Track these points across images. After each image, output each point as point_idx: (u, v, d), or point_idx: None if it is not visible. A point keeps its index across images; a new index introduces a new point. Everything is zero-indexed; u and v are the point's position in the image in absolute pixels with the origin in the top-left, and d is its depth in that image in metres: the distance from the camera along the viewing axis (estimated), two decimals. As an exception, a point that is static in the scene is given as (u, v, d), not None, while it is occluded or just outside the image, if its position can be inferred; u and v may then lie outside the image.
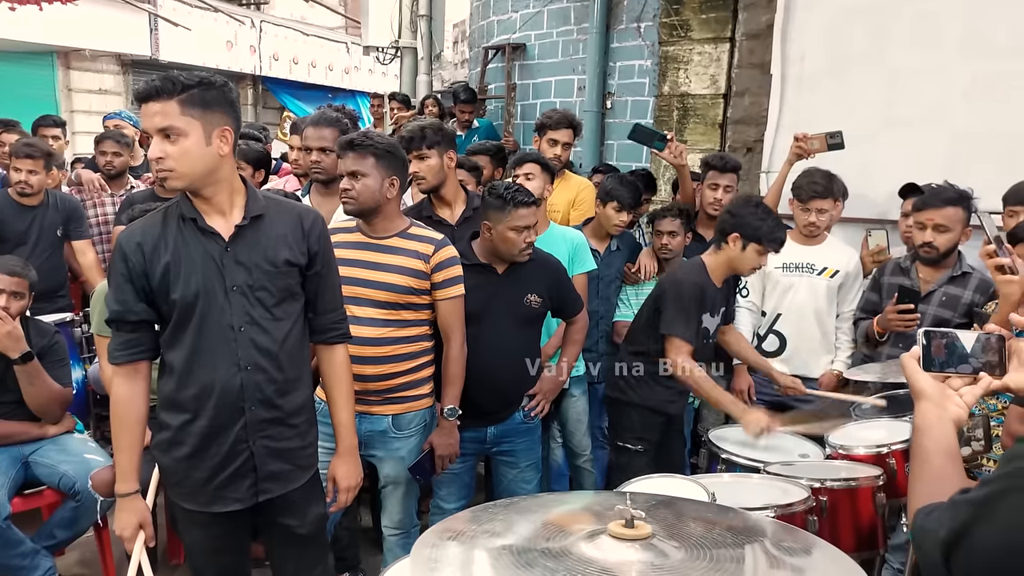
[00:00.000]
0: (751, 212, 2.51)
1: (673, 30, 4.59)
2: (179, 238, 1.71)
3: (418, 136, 2.60)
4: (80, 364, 3.37)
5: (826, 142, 3.06)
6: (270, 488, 1.83)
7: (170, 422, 1.78)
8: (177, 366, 1.74)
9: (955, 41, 3.19)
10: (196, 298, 1.70)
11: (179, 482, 1.82)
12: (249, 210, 1.75)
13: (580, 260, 2.89)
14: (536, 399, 2.59)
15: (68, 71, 10.07)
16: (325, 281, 1.88)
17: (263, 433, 1.79)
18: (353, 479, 1.99)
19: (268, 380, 1.77)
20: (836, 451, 2.35)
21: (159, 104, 1.61)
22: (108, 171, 4.17)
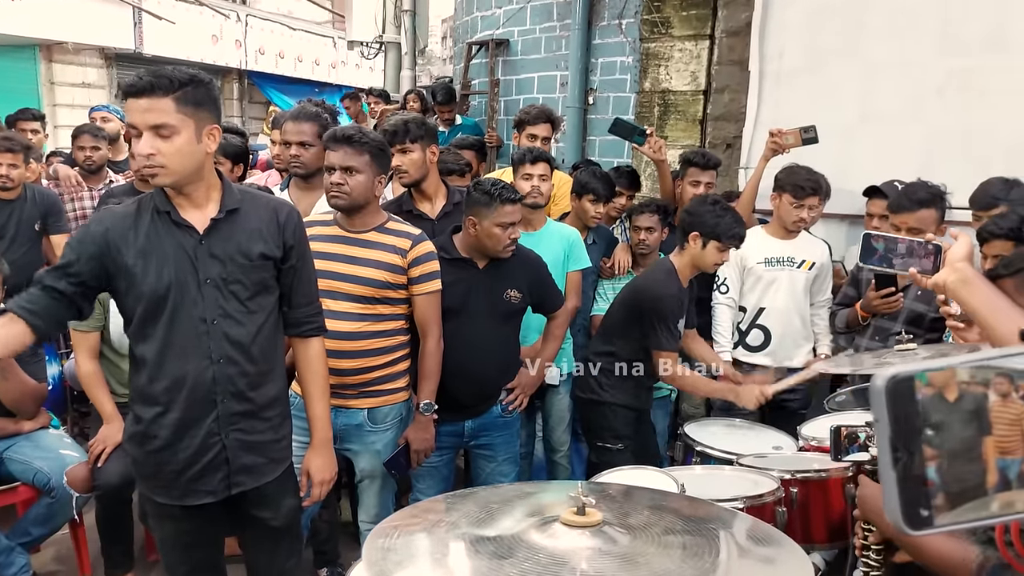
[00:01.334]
0: (708, 210, 2.55)
1: (654, 27, 4.61)
2: (151, 230, 1.70)
3: (401, 130, 2.61)
4: (57, 360, 3.35)
5: (800, 137, 3.09)
6: (243, 481, 1.83)
7: (142, 415, 1.78)
8: (149, 359, 1.73)
9: (931, 37, 3.23)
10: (168, 290, 1.69)
11: (151, 475, 1.81)
12: (224, 204, 1.75)
13: (575, 257, 2.90)
14: (514, 393, 2.60)
15: (51, 64, 9.98)
16: (300, 275, 1.88)
17: (235, 426, 1.79)
18: (327, 472, 1.99)
19: (240, 373, 1.77)
20: (808, 443, 2.38)
21: (152, 100, 1.60)
22: (87, 166, 4.13)
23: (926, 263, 1.36)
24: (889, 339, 2.78)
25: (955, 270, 1.28)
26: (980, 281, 1.26)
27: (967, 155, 3.11)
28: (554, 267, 2.67)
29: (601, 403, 2.72)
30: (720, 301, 3.10)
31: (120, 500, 2.64)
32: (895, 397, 0.63)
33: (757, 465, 2.15)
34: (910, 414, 0.63)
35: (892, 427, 0.63)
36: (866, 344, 2.85)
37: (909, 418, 0.63)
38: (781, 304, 3.07)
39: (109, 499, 2.61)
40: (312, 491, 1.99)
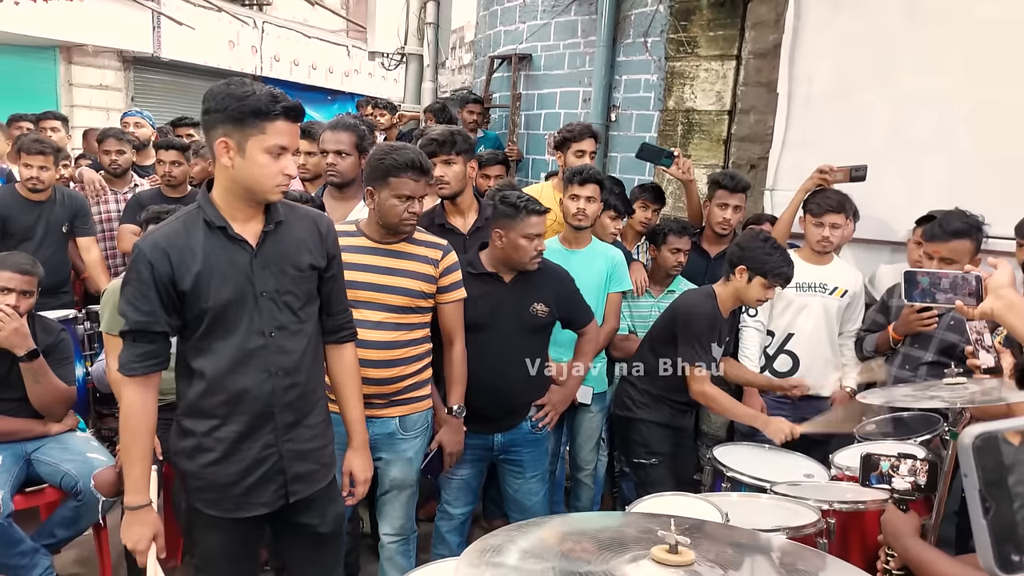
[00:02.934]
0: (759, 246, 2.56)
1: (680, 46, 4.63)
2: (208, 246, 1.70)
3: (449, 141, 2.62)
4: (82, 361, 3.35)
5: (849, 174, 3.10)
6: (298, 490, 1.85)
7: (194, 428, 1.77)
8: (207, 373, 1.73)
9: (961, 67, 3.24)
10: (227, 306, 1.70)
11: (203, 488, 1.81)
12: (272, 217, 1.77)
13: (618, 279, 2.91)
14: (545, 410, 2.60)
15: (70, 66, 10.03)
16: (337, 283, 1.93)
17: (288, 436, 1.81)
18: (368, 471, 2.04)
19: (293, 384, 1.79)
20: (842, 472, 2.37)
21: (297, 127, 1.70)
22: (112, 170, 4.16)
23: (969, 294, 1.40)
24: (919, 368, 2.79)
25: (999, 296, 1.31)
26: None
27: (998, 186, 3.11)
28: (596, 287, 2.68)
29: (637, 420, 2.73)
30: (748, 324, 3.09)
31: (146, 506, 2.63)
32: (981, 452, 0.68)
33: (792, 494, 2.14)
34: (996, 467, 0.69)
35: (981, 479, 0.68)
36: (895, 372, 2.84)
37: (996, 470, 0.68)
38: (811, 330, 3.06)
39: (136, 505, 2.59)
40: (355, 491, 2.02)
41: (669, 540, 0.85)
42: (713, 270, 3.24)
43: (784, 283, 2.61)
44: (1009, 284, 1.33)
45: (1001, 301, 1.31)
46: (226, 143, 1.65)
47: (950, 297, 1.43)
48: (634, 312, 3.22)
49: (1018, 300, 1.29)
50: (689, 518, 1.01)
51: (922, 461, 1.69)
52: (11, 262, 2.55)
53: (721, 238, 3.36)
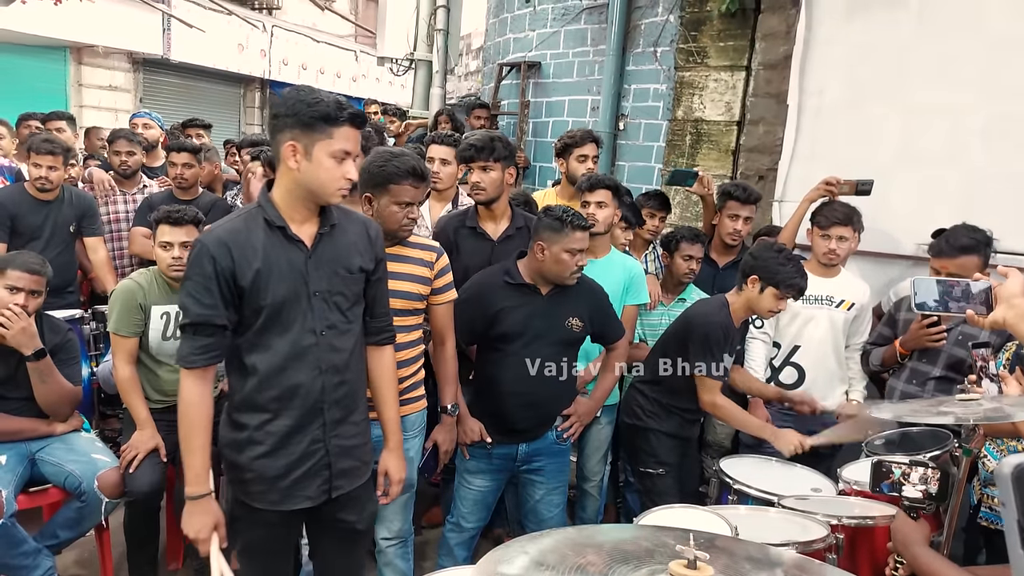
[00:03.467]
0: (772, 257, 2.55)
1: (690, 56, 4.64)
2: (267, 245, 1.76)
3: (488, 147, 2.62)
4: (88, 362, 3.34)
5: (855, 188, 3.11)
6: (341, 485, 1.90)
7: (246, 422, 1.83)
8: (261, 369, 1.79)
9: (973, 81, 3.23)
10: (283, 304, 1.76)
11: (251, 480, 1.84)
12: (326, 219, 1.83)
13: (635, 291, 2.89)
14: (571, 420, 2.60)
15: (80, 66, 10.08)
16: (382, 286, 2.00)
17: (335, 432, 1.87)
18: (403, 471, 2.08)
19: (341, 382, 1.86)
20: (850, 487, 2.35)
21: (357, 132, 1.75)
22: (122, 170, 4.16)
23: (980, 304, 1.39)
24: (927, 383, 2.77)
25: (1012, 306, 1.31)
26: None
27: (1010, 200, 3.09)
28: (612, 298, 2.66)
29: (645, 429, 2.72)
30: (754, 335, 3.08)
31: (149, 508, 2.63)
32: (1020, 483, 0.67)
33: (801, 508, 2.12)
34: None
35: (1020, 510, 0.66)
36: (902, 387, 2.82)
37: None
38: (817, 343, 3.04)
39: (138, 506, 2.60)
40: (391, 490, 2.06)
41: (687, 555, 0.84)
42: (721, 280, 3.23)
43: (797, 295, 2.59)
44: (1021, 293, 1.31)
45: (1014, 310, 1.30)
46: (294, 146, 1.71)
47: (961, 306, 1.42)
48: (644, 320, 3.21)
49: None
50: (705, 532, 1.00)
51: (933, 470, 1.67)
52: (20, 261, 2.55)
53: (730, 249, 3.36)
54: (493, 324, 2.40)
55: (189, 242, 2.70)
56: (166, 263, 2.69)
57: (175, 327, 2.74)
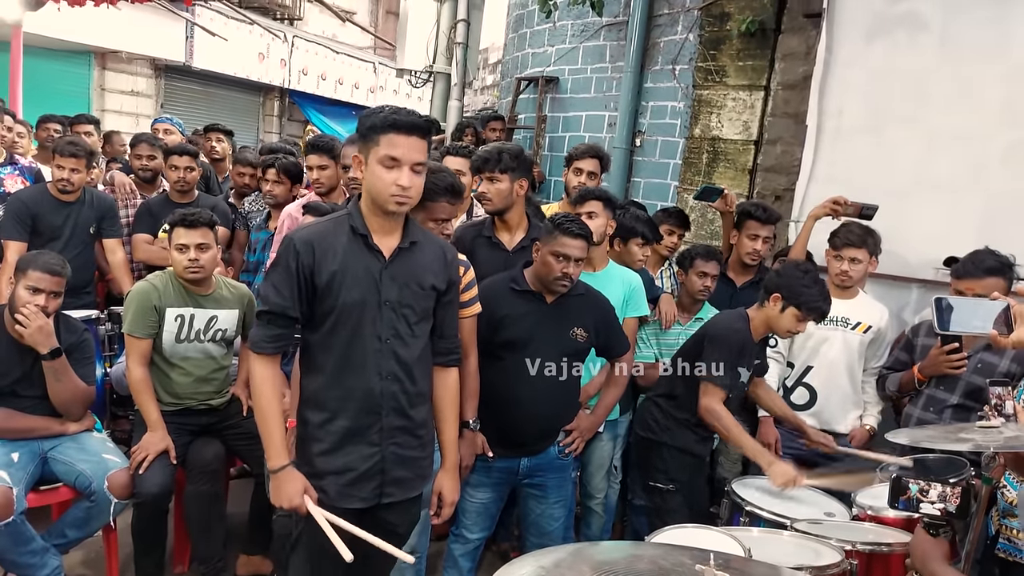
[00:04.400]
0: (797, 278, 2.52)
1: (708, 75, 4.65)
2: (348, 250, 1.86)
3: (494, 159, 2.64)
4: (101, 362, 3.36)
5: (860, 211, 3.12)
6: (392, 492, 1.96)
7: (310, 419, 1.91)
8: (327, 367, 1.88)
9: (993, 108, 3.22)
10: (354, 307, 1.85)
11: (310, 475, 1.90)
12: (408, 236, 1.92)
13: (635, 304, 2.87)
14: (572, 435, 2.57)
15: (103, 71, 10.24)
16: (452, 308, 2.07)
17: (394, 440, 1.93)
18: (456, 493, 2.13)
19: (402, 390, 1.91)
20: (864, 512, 2.32)
21: (418, 141, 1.81)
22: (143, 174, 4.20)
23: (1001, 324, 1.37)
24: (944, 411, 2.73)
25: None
26: None
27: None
28: (612, 311, 2.65)
29: (659, 443, 2.69)
30: (768, 354, 3.04)
31: (158, 509, 2.63)
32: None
33: (814, 532, 2.09)
34: None
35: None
36: (918, 415, 2.77)
37: None
38: (830, 364, 3.00)
39: (147, 507, 2.60)
40: (443, 511, 2.10)
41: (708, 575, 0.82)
42: (739, 300, 3.20)
43: (819, 318, 2.55)
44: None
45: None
46: (358, 158, 1.87)
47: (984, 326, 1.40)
48: (661, 340, 3.18)
49: None
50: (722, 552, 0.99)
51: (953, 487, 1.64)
52: (42, 262, 2.57)
53: (748, 268, 3.34)
54: (498, 330, 2.39)
55: (205, 244, 2.71)
56: (182, 265, 2.70)
57: (189, 330, 2.75)
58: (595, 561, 0.94)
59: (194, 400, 2.80)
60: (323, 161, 3.35)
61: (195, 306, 2.77)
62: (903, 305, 3.43)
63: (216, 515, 2.77)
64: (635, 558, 0.96)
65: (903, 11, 3.44)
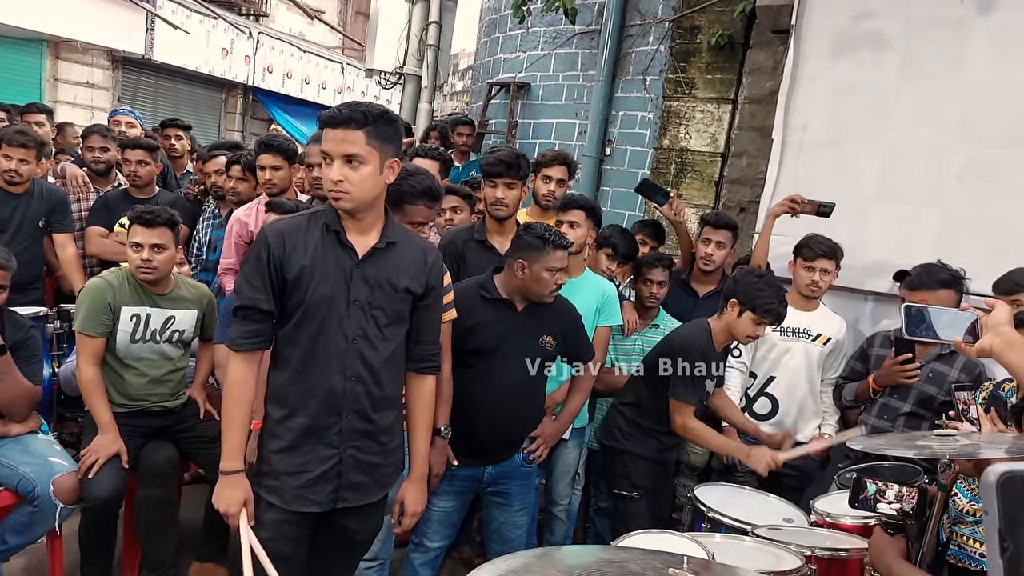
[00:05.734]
0: (752, 283, 2.57)
1: (678, 86, 4.71)
2: (319, 245, 1.82)
3: (515, 165, 2.65)
4: (49, 361, 3.22)
5: (817, 209, 3.19)
6: (348, 497, 1.91)
7: (272, 414, 1.89)
8: (291, 363, 1.85)
9: (953, 125, 3.30)
10: (322, 303, 1.81)
11: (267, 473, 1.88)
12: (386, 236, 1.88)
13: (608, 312, 2.87)
14: (536, 443, 2.56)
15: (57, 61, 9.90)
16: (431, 314, 2.01)
17: (354, 443, 1.89)
18: (420, 505, 2.08)
19: (366, 393, 1.87)
20: (823, 518, 2.35)
21: (348, 132, 1.74)
22: (96, 168, 4.06)
23: (966, 333, 1.41)
24: (897, 419, 2.80)
25: (999, 334, 1.32)
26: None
27: (982, 243, 3.15)
28: (585, 318, 2.65)
29: (622, 451, 2.71)
30: (731, 364, 3.08)
31: (106, 515, 2.53)
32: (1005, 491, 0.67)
33: (775, 538, 2.12)
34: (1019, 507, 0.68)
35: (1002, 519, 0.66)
36: (873, 422, 2.84)
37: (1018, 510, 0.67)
38: (791, 374, 3.07)
39: (95, 513, 2.50)
40: (403, 521, 2.06)
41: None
42: (701, 309, 3.24)
43: (775, 320, 2.61)
44: (1007, 322, 1.33)
45: (1000, 338, 1.31)
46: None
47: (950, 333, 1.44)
48: (618, 346, 3.21)
49: (1017, 337, 1.29)
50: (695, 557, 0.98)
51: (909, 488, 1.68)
52: (-15, 254, 2.45)
53: (708, 276, 3.38)
54: (467, 338, 2.37)
55: (161, 244, 2.62)
56: (135, 264, 2.61)
57: (144, 330, 2.66)
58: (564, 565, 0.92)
59: (148, 402, 2.71)
60: (276, 161, 3.30)
61: (152, 305, 2.68)
62: (858, 317, 3.50)
63: (168, 521, 2.68)
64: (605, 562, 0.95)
65: (868, 29, 3.52)
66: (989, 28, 3.21)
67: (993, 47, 3.20)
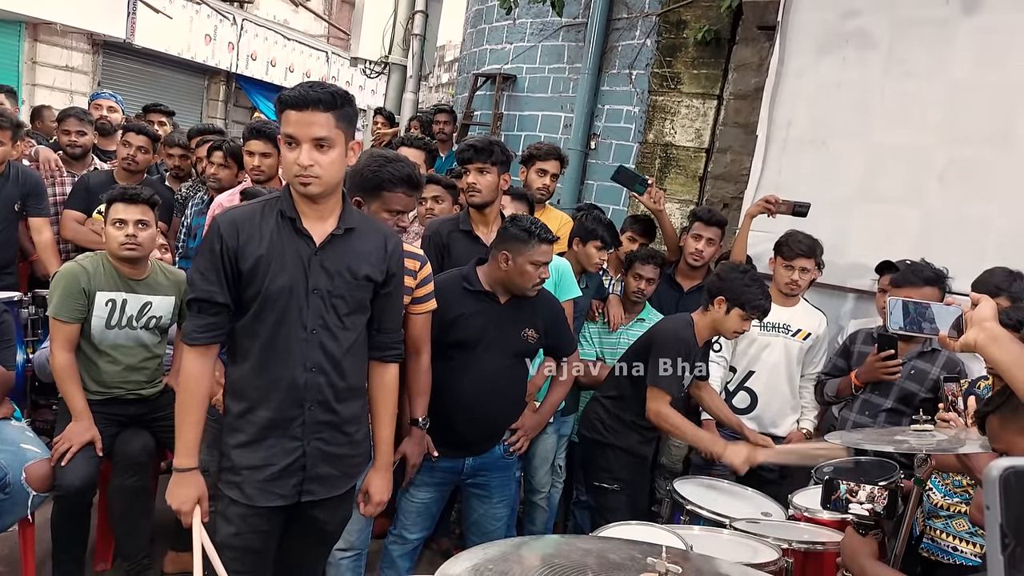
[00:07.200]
0: (738, 278, 2.59)
1: (664, 81, 4.71)
2: (275, 233, 1.77)
3: (486, 149, 2.61)
4: (23, 347, 3.16)
5: (792, 209, 3.21)
6: (314, 490, 1.87)
7: (232, 408, 1.84)
8: (251, 355, 1.79)
9: (936, 125, 3.33)
10: (280, 294, 1.76)
11: (229, 468, 1.83)
12: (344, 221, 1.82)
13: (565, 287, 2.86)
14: (517, 435, 2.56)
15: (35, 43, 9.70)
16: (393, 301, 1.96)
17: (318, 435, 1.84)
18: (386, 494, 2.03)
19: (328, 384, 1.82)
20: (800, 512, 2.37)
21: (315, 114, 1.68)
22: (72, 151, 3.98)
23: (951, 327, 1.41)
24: (879, 415, 2.83)
25: (983, 329, 1.32)
26: (1008, 339, 1.30)
27: (961, 242, 3.19)
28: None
29: (603, 444, 2.71)
30: (712, 359, 3.09)
31: (80, 503, 2.49)
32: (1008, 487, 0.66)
33: (752, 531, 2.13)
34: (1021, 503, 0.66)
35: (1004, 515, 0.66)
36: (854, 418, 2.86)
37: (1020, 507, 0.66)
38: (771, 369, 3.09)
39: (69, 501, 2.45)
40: (367, 508, 2.02)
41: (659, 568, 0.81)
42: (686, 304, 3.25)
43: (761, 316, 2.64)
44: (992, 318, 1.33)
45: (985, 333, 1.31)
46: (279, 139, 1.76)
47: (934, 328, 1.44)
48: (604, 340, 3.21)
49: (1002, 333, 1.30)
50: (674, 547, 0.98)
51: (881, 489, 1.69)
52: (-43, 236, 2.40)
53: (694, 271, 3.39)
54: (449, 330, 2.36)
55: (145, 221, 2.58)
56: (118, 242, 2.56)
57: (120, 315, 2.62)
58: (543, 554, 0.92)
59: (123, 389, 2.66)
60: (266, 148, 3.26)
61: (128, 291, 2.63)
62: (840, 313, 3.53)
63: (142, 510, 2.64)
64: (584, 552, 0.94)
65: (853, 27, 3.54)
66: (974, 29, 3.24)
67: (977, 48, 3.23)
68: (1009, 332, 1.32)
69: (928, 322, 1.43)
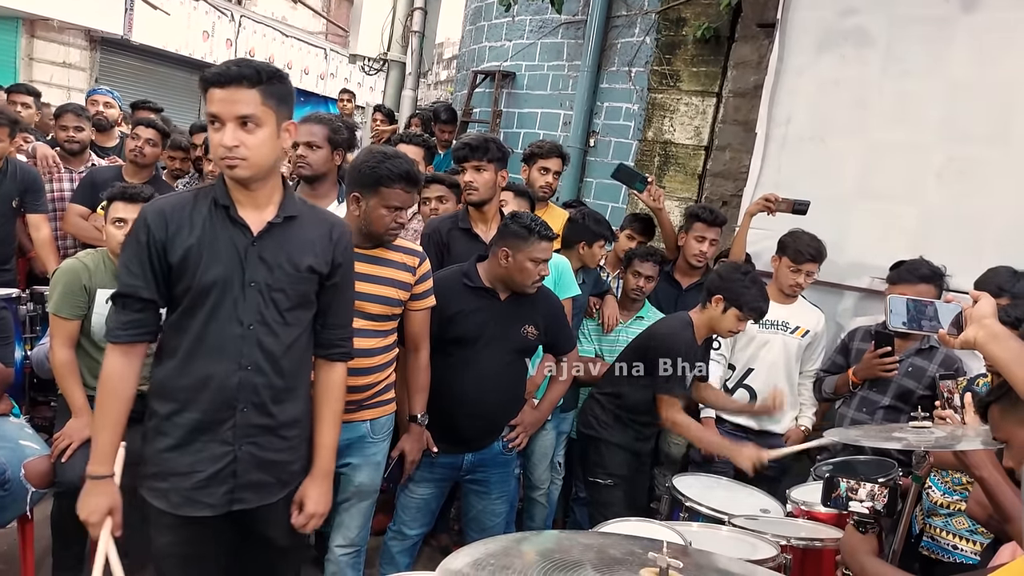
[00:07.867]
0: (738, 279, 2.59)
1: (663, 79, 4.70)
2: (207, 223, 1.65)
3: (482, 147, 2.61)
4: (22, 344, 3.16)
5: (792, 207, 3.21)
6: (246, 498, 1.74)
7: (158, 410, 1.71)
8: (178, 353, 1.67)
9: (934, 123, 3.34)
10: (212, 287, 1.64)
11: (154, 475, 1.72)
12: (284, 209, 1.71)
13: (564, 285, 2.87)
14: (516, 431, 2.56)
15: (33, 39, 9.68)
16: (341, 295, 1.84)
17: (251, 439, 1.72)
18: (323, 506, 1.86)
19: (266, 384, 1.70)
20: (798, 508, 2.38)
21: (240, 91, 1.57)
22: (69, 147, 3.98)
23: (951, 325, 1.42)
24: (876, 412, 2.83)
25: (983, 326, 1.33)
26: (1008, 336, 1.31)
27: (959, 240, 3.20)
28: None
29: (599, 440, 2.72)
30: (711, 356, 3.10)
31: (79, 501, 2.47)
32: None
33: (751, 527, 2.13)
34: None
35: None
36: (852, 415, 2.87)
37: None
38: (769, 366, 3.10)
39: (69, 498, 2.43)
40: (298, 520, 1.84)
41: (660, 563, 0.81)
42: (684, 301, 3.25)
43: (758, 318, 2.65)
44: (991, 315, 1.34)
45: (984, 330, 1.32)
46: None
47: (933, 325, 1.44)
48: (603, 338, 3.22)
49: (1001, 330, 1.30)
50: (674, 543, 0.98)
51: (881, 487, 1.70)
52: (-44, 232, 2.39)
53: (694, 270, 3.39)
54: (448, 326, 2.36)
55: None
56: (117, 240, 2.54)
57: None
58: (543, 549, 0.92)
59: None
60: None
61: (128, 287, 2.63)
62: (838, 311, 3.54)
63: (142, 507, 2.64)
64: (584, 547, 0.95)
65: (852, 25, 3.55)
66: (972, 27, 3.24)
67: (976, 46, 3.24)
68: (1008, 329, 1.32)
69: (928, 320, 1.43)
